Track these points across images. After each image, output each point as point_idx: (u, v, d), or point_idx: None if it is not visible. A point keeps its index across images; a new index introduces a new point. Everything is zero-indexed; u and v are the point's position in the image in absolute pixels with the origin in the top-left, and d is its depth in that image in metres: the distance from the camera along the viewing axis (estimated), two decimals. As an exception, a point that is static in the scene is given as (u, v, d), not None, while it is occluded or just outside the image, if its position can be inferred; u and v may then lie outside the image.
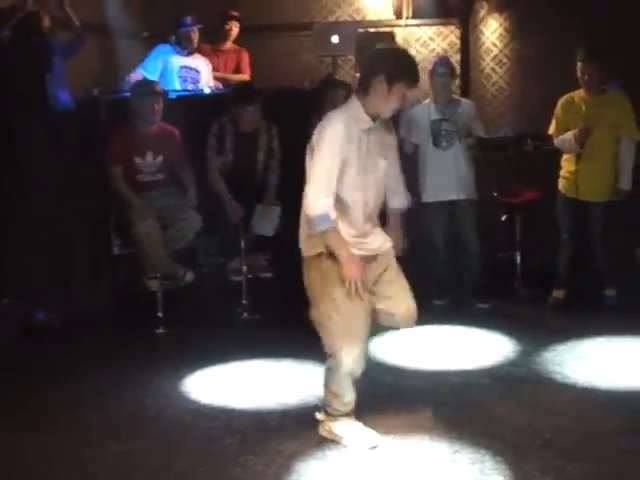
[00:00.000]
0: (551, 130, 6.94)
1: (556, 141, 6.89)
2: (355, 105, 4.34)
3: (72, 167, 6.82)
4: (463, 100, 7.30)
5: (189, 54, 8.16)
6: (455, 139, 6.91)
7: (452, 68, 7.12)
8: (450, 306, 7.01)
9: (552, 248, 7.03)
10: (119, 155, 6.74)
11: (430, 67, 7.09)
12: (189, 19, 8.03)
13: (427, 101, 7.07)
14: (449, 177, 6.88)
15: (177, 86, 7.98)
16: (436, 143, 6.93)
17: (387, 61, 4.30)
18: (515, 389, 5.21)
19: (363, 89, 4.32)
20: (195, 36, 8.12)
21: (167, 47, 8.13)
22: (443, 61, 7.07)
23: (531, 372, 5.49)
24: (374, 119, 4.34)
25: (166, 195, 6.88)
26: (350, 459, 4.24)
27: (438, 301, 7.04)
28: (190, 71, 8.14)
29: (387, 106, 4.30)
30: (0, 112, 6.64)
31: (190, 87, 8.06)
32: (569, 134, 6.74)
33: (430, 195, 7.00)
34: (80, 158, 6.86)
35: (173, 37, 8.09)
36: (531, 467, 4.05)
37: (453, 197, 6.97)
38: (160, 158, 6.86)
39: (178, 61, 8.13)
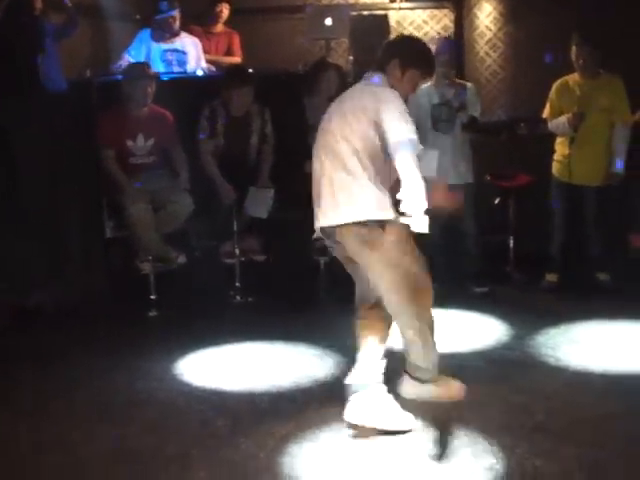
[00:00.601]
0: (545, 113, 6.94)
1: (550, 124, 6.89)
2: (384, 79, 4.43)
3: (64, 149, 6.78)
4: (464, 83, 7.27)
5: (173, 36, 8.08)
6: (455, 123, 6.90)
7: (454, 49, 7.13)
8: (443, 290, 6.99)
9: (545, 232, 7.03)
10: (111, 138, 6.74)
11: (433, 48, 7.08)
12: (165, 5, 7.92)
13: (428, 84, 7.04)
14: (447, 162, 6.86)
15: (161, 70, 7.92)
16: (436, 127, 6.91)
17: (404, 47, 4.50)
18: (508, 372, 5.21)
19: (380, 69, 4.45)
20: (174, 20, 8.02)
21: (149, 32, 8.09)
22: (445, 46, 7.02)
23: (524, 355, 5.50)
24: None
25: (158, 178, 6.88)
26: (343, 441, 4.24)
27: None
28: (175, 53, 8.07)
29: (399, 90, 4.39)
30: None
31: (176, 69, 8.00)
32: (563, 118, 6.73)
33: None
34: (72, 140, 6.83)
35: (153, 22, 8.04)
36: (523, 450, 4.06)
37: (451, 182, 6.93)
38: (151, 141, 6.85)
39: (161, 45, 8.07)
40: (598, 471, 3.88)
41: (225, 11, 8.53)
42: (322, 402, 4.71)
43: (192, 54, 8.11)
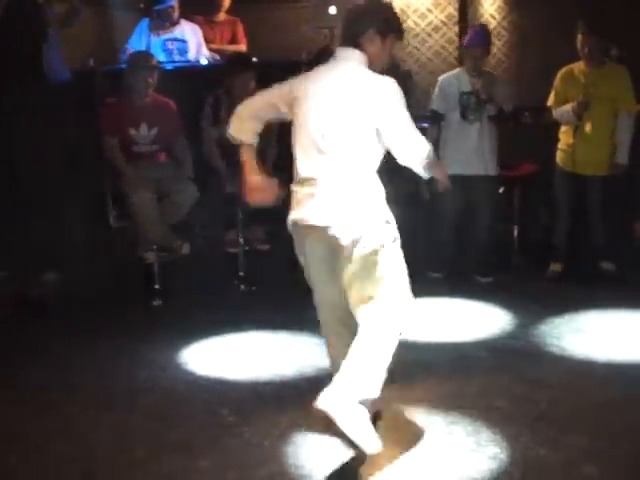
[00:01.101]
0: (550, 102, 6.92)
1: (554, 113, 6.87)
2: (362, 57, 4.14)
3: (68, 138, 6.78)
4: (494, 73, 7.22)
5: (172, 25, 8.05)
6: (483, 113, 6.86)
7: (487, 40, 6.97)
8: (447, 279, 7.00)
9: (550, 221, 7.02)
10: (114, 126, 6.74)
11: (466, 37, 7.08)
12: None
13: (457, 71, 7.02)
14: (472, 151, 6.82)
15: (162, 59, 7.89)
16: (464, 116, 6.87)
17: (379, 14, 4.17)
18: (512, 361, 5.21)
19: (354, 44, 4.11)
20: (173, 10, 7.98)
21: (148, 22, 8.04)
22: (478, 33, 6.97)
23: (528, 345, 5.49)
24: None
25: (162, 167, 6.88)
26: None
27: (435, 274, 7.02)
28: (176, 42, 8.05)
29: (380, 60, 4.17)
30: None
31: (177, 58, 7.98)
32: (567, 106, 6.71)
33: (450, 168, 6.93)
34: (76, 129, 6.83)
35: (153, 13, 8.00)
36: (527, 439, 4.06)
37: (473, 172, 6.88)
38: (155, 130, 6.84)
39: (161, 35, 8.03)
40: (602, 459, 3.88)
41: None
42: (326, 391, 4.71)
43: (192, 42, 8.08)
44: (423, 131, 7.05)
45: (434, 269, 7.03)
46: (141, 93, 6.81)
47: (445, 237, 7.05)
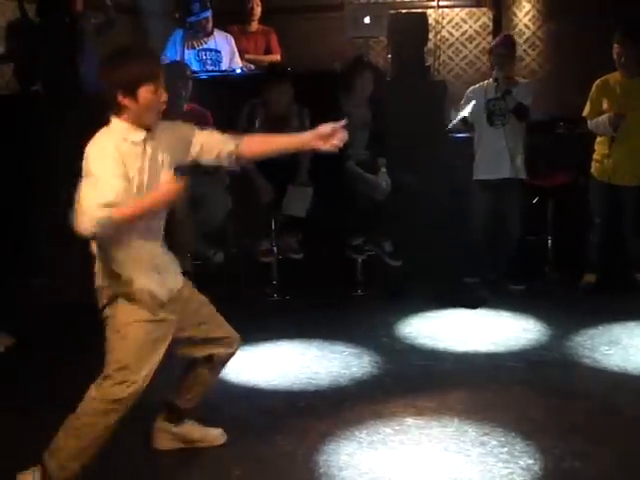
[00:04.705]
0: (585, 112, 6.87)
1: (590, 124, 6.82)
2: None
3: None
4: (522, 80, 7.23)
5: (206, 36, 8.08)
6: (508, 117, 6.86)
7: (513, 48, 7.09)
8: (482, 284, 6.96)
9: (584, 232, 6.98)
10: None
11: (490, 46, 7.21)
12: (197, 6, 7.85)
13: (485, 82, 7.05)
14: (499, 156, 6.83)
15: (196, 69, 7.92)
16: (490, 121, 6.90)
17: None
18: (545, 373, 5.19)
19: None
20: (207, 22, 8.00)
21: (182, 33, 8.06)
22: (503, 40, 7.08)
23: (562, 356, 5.47)
24: None
25: (196, 176, 6.89)
26: (379, 441, 4.23)
27: (469, 279, 6.99)
28: (210, 53, 8.08)
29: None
30: (30, 94, 6.71)
31: (210, 69, 8.01)
32: (603, 117, 6.67)
33: (481, 173, 6.96)
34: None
35: (187, 25, 8.02)
36: (561, 451, 4.04)
37: (502, 176, 6.90)
38: (189, 140, 6.87)
39: (195, 45, 8.07)
40: (637, 473, 3.86)
41: (257, 8, 8.51)
42: (359, 400, 4.72)
43: (226, 52, 8.10)
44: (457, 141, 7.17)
45: (470, 274, 7.00)
46: (174, 102, 6.84)
47: (479, 242, 7.03)
